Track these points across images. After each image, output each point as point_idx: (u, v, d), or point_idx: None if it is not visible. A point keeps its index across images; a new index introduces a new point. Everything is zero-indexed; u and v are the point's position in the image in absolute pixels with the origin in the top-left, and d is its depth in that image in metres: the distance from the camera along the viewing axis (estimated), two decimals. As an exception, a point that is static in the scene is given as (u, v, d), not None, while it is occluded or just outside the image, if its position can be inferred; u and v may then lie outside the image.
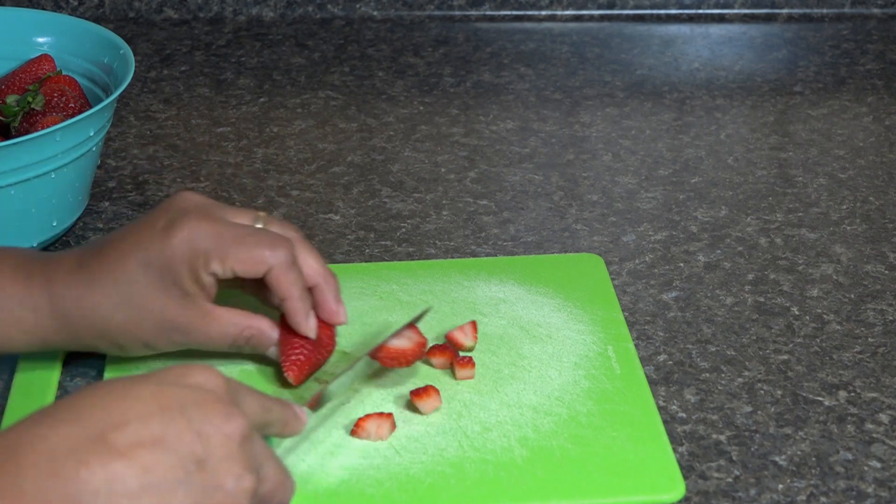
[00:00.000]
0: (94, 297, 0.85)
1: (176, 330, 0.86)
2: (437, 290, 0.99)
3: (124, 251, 0.85)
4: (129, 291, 0.85)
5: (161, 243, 0.85)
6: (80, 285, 0.85)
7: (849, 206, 1.14)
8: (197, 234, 0.85)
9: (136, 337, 0.86)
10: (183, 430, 0.66)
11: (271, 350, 0.89)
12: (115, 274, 0.85)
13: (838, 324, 0.98)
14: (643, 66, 1.39)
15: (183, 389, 0.68)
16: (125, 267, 0.85)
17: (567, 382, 0.90)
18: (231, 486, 0.67)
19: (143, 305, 0.85)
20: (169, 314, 0.86)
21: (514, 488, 0.81)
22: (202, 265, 0.85)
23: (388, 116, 1.28)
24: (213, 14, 1.48)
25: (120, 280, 0.85)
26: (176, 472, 0.65)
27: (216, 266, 0.85)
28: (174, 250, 0.85)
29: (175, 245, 0.85)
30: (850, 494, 0.83)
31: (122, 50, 1.10)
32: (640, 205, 1.14)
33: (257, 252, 0.86)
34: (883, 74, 1.37)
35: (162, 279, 0.85)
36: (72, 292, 0.85)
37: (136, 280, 0.85)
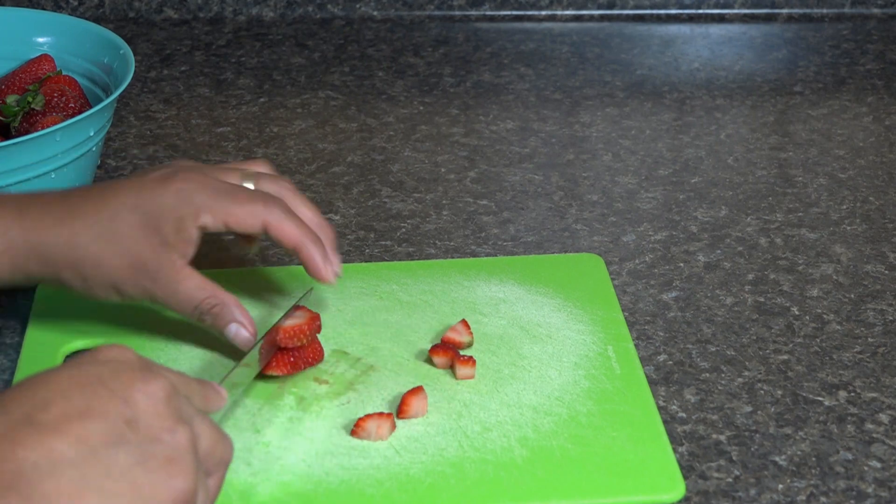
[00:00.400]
0: (74, 225, 0.85)
1: (146, 274, 0.86)
2: (437, 290, 0.99)
3: (113, 189, 0.87)
4: (111, 227, 0.85)
5: (153, 190, 0.86)
6: (61, 211, 0.86)
7: (849, 206, 1.14)
8: (191, 187, 0.87)
9: (106, 273, 0.86)
10: (106, 399, 0.66)
11: (230, 329, 0.89)
12: (98, 207, 0.86)
13: (838, 324, 0.98)
14: (643, 66, 1.39)
15: (98, 365, 0.68)
16: (111, 203, 0.86)
17: (567, 382, 0.90)
18: (169, 440, 0.67)
19: (121, 242, 0.86)
20: (144, 256, 0.86)
21: (514, 488, 0.81)
22: (191, 217, 0.86)
23: (388, 116, 1.28)
24: (213, 14, 1.47)
25: (103, 214, 0.86)
26: (110, 436, 0.65)
27: (207, 218, 0.86)
28: (165, 198, 0.86)
29: (168, 193, 0.86)
30: (850, 494, 0.83)
31: (122, 50, 1.10)
32: (640, 205, 1.14)
33: (250, 206, 0.87)
34: (883, 74, 1.37)
35: (146, 222, 0.86)
36: (51, 217, 0.86)
37: (120, 217, 0.86)
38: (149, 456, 0.66)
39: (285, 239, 0.88)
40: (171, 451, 0.67)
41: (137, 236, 0.86)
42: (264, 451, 0.84)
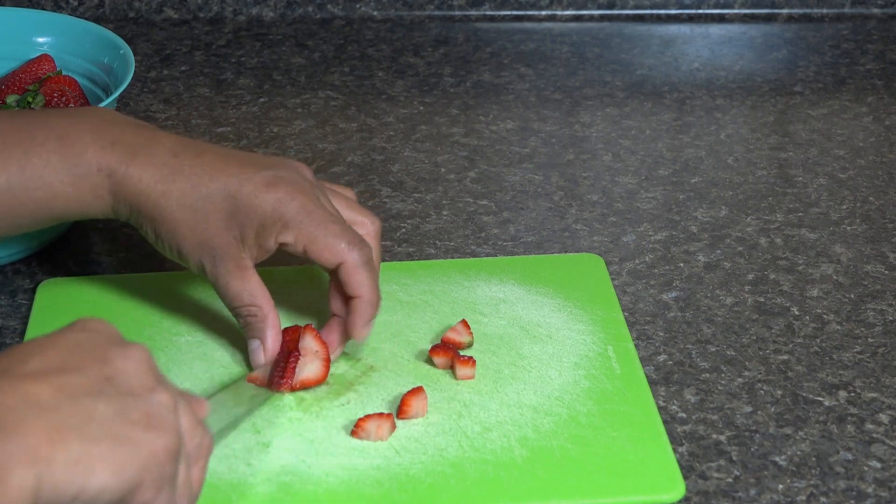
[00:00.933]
0: (171, 188, 0.87)
1: (211, 256, 0.87)
2: (437, 291, 0.99)
3: (219, 170, 0.87)
4: (201, 205, 0.86)
5: (253, 190, 0.87)
6: (167, 168, 0.87)
7: (849, 206, 1.14)
8: (289, 201, 0.87)
9: (177, 238, 0.87)
10: (85, 358, 0.66)
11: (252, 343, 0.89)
12: (200, 180, 0.87)
13: (838, 324, 0.98)
14: (643, 66, 1.39)
15: (77, 333, 0.69)
16: (210, 184, 0.87)
17: (567, 382, 0.90)
18: (149, 397, 0.67)
19: (203, 221, 0.86)
20: (216, 241, 0.87)
21: (514, 488, 0.81)
22: (276, 230, 0.86)
23: (388, 116, 1.28)
24: (213, 14, 1.47)
25: (200, 190, 0.87)
26: (89, 387, 0.65)
27: (288, 237, 0.87)
28: (260, 203, 0.86)
29: (264, 199, 0.86)
30: (850, 494, 0.83)
31: (122, 50, 1.10)
32: (640, 205, 1.14)
33: (335, 240, 0.87)
34: (883, 74, 1.37)
35: (233, 214, 0.86)
36: (156, 172, 0.87)
37: (212, 199, 0.86)
38: (129, 408, 0.65)
39: (352, 286, 0.88)
40: (151, 407, 0.66)
41: (219, 221, 0.86)
42: (264, 451, 0.84)
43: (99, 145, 0.87)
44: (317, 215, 0.87)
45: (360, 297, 0.88)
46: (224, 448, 0.84)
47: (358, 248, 0.87)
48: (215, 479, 0.81)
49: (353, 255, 0.87)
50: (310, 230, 0.86)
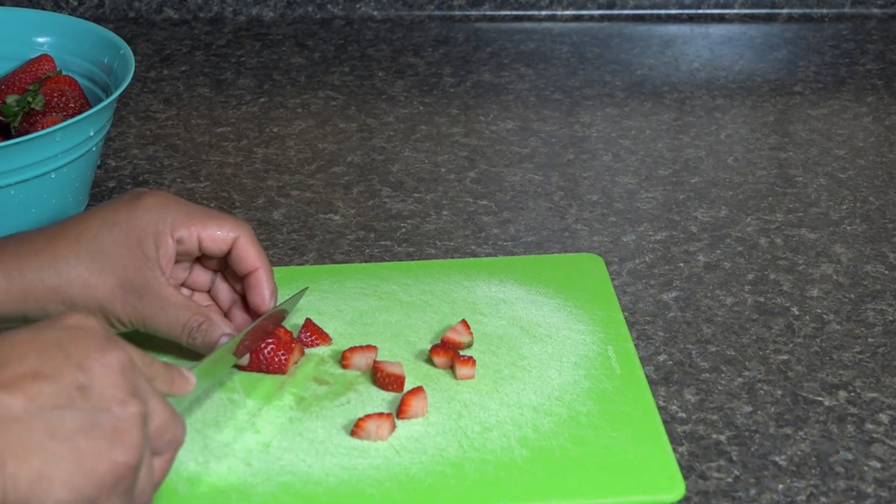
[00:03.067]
0: (56, 250, 0.85)
1: (134, 291, 0.86)
2: (437, 291, 0.99)
3: (89, 214, 0.87)
4: (94, 246, 0.86)
5: (129, 208, 0.87)
6: (39, 241, 0.86)
7: (849, 206, 1.14)
8: (166, 203, 0.88)
9: (93, 294, 0.85)
10: (62, 363, 0.67)
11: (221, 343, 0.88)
12: (78, 230, 0.86)
13: (838, 324, 0.98)
14: (643, 66, 1.39)
15: (59, 330, 0.69)
16: (90, 224, 0.86)
17: (567, 382, 0.90)
18: (118, 411, 0.68)
19: (106, 260, 0.85)
20: (129, 272, 0.86)
21: (514, 488, 0.81)
22: (169, 230, 0.87)
23: (388, 116, 1.28)
24: (213, 14, 1.47)
25: (84, 235, 0.86)
26: (60, 399, 0.66)
27: (183, 232, 0.87)
28: (142, 215, 0.87)
29: (144, 209, 0.87)
30: (850, 494, 0.83)
31: (122, 50, 1.10)
32: (640, 205, 1.14)
33: (222, 221, 0.89)
34: (883, 74, 1.37)
35: (127, 239, 0.86)
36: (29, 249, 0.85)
37: (101, 236, 0.86)
38: (95, 424, 0.67)
39: (249, 259, 0.89)
40: (118, 421, 0.68)
41: (121, 253, 0.86)
42: (264, 451, 0.84)
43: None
44: (194, 208, 0.89)
45: (261, 267, 0.90)
46: (224, 448, 0.84)
47: (243, 224, 0.89)
48: (215, 478, 0.81)
49: (243, 231, 0.89)
50: (195, 219, 0.88)
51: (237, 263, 0.90)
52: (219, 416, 0.87)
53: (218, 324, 0.88)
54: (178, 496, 0.80)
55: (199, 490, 0.80)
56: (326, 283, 1.00)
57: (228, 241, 0.89)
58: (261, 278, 0.90)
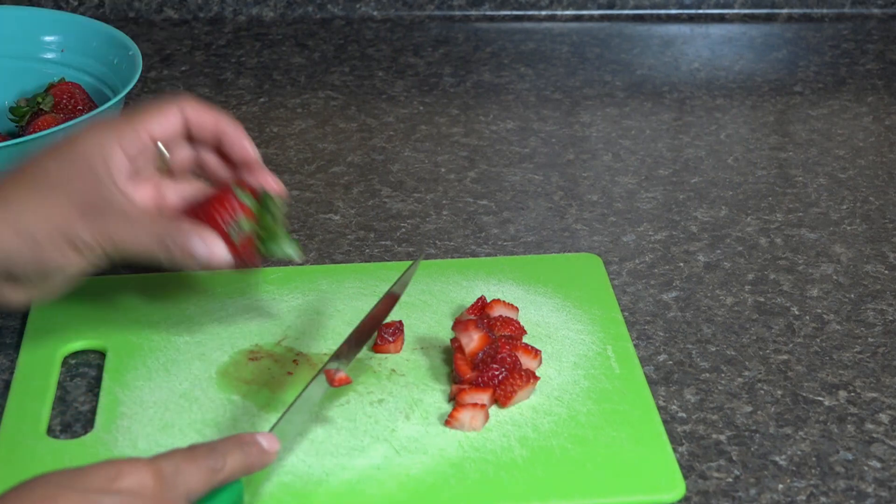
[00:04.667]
0: (7, 190, 0.82)
1: (94, 211, 0.81)
2: (437, 290, 0.99)
3: (36, 155, 0.83)
4: (43, 179, 0.81)
5: (70, 138, 0.84)
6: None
7: (849, 206, 1.14)
8: (104, 123, 0.84)
9: (55, 224, 0.81)
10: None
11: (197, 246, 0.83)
12: (27, 170, 0.83)
13: (838, 324, 0.98)
14: (643, 66, 1.39)
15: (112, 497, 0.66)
16: (38, 161, 0.83)
17: (566, 382, 0.90)
18: None
19: (59, 188, 0.81)
20: (87, 195, 0.81)
21: (514, 488, 0.81)
22: (114, 142, 0.83)
23: (388, 116, 1.28)
24: (213, 14, 1.48)
25: (27, 168, 0.83)
26: None
27: (128, 135, 0.83)
28: (84, 139, 0.83)
29: (84, 134, 0.84)
30: (850, 494, 0.83)
31: (131, 51, 1.10)
32: (640, 205, 1.13)
33: (162, 105, 0.86)
34: (883, 74, 1.37)
35: (73, 165, 0.82)
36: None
37: (49, 169, 0.82)
38: None
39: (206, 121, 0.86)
40: None
41: (72, 179, 0.82)
42: (264, 451, 0.83)
43: None
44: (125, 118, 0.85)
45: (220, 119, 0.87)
46: (224, 448, 0.84)
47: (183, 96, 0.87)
48: (215, 479, 0.81)
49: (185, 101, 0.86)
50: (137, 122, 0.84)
51: (199, 130, 0.86)
52: (218, 417, 0.87)
53: (187, 228, 0.83)
54: (177, 496, 0.80)
55: (198, 490, 0.80)
56: (325, 283, 1.00)
57: (178, 117, 0.86)
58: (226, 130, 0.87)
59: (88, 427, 0.87)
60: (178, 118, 0.86)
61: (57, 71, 1.13)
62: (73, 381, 0.91)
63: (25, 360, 0.91)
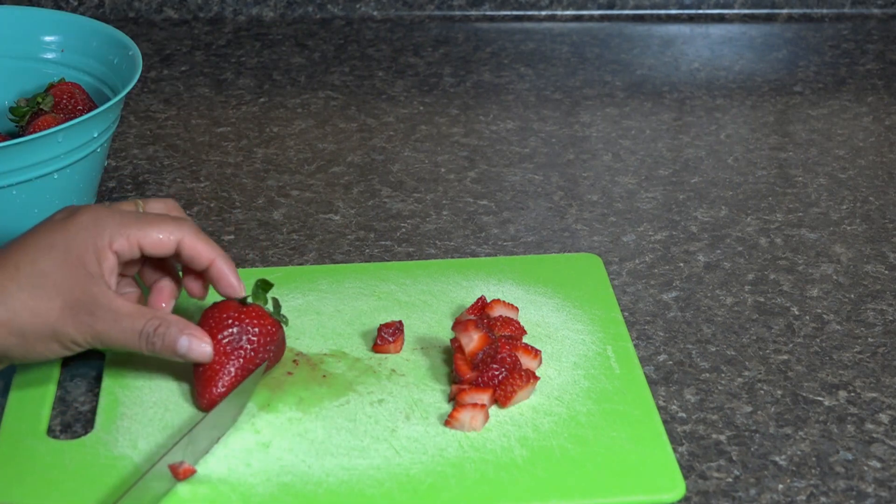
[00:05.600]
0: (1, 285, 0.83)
1: (84, 309, 0.83)
2: (436, 291, 0.99)
3: (24, 240, 0.85)
4: (35, 270, 0.83)
5: (63, 228, 0.85)
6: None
7: (849, 206, 1.14)
8: (99, 216, 0.85)
9: (43, 320, 0.83)
10: None
11: (181, 343, 0.85)
12: (15, 258, 0.84)
13: (838, 324, 0.98)
14: (643, 66, 1.39)
15: None
16: (27, 250, 0.84)
17: (566, 382, 0.90)
18: None
19: (50, 283, 0.83)
20: (76, 291, 0.83)
21: (514, 488, 0.81)
22: (107, 244, 0.85)
23: (388, 116, 1.28)
24: (213, 14, 1.48)
25: (23, 262, 0.84)
26: None
27: (122, 243, 0.85)
28: (78, 233, 0.85)
29: (78, 227, 0.85)
30: (850, 494, 0.83)
31: (131, 51, 1.10)
32: (640, 205, 1.14)
33: (161, 226, 0.87)
34: (883, 74, 1.37)
35: (67, 258, 0.84)
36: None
37: (40, 260, 0.84)
38: None
39: (201, 255, 0.87)
40: None
41: (63, 274, 0.84)
42: (264, 451, 0.84)
43: None
44: (128, 215, 0.86)
45: (216, 257, 0.87)
46: (224, 448, 0.84)
47: (183, 223, 0.87)
48: (215, 479, 0.81)
49: (185, 231, 0.87)
50: (133, 229, 0.86)
51: (192, 262, 0.88)
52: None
53: (174, 324, 0.85)
54: (178, 497, 0.80)
55: (199, 490, 0.80)
56: (325, 284, 1.00)
57: (172, 244, 0.87)
58: (220, 268, 0.88)
59: (88, 427, 0.87)
60: (170, 246, 0.87)
61: (57, 71, 1.13)
62: (73, 381, 0.91)
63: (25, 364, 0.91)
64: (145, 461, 0.82)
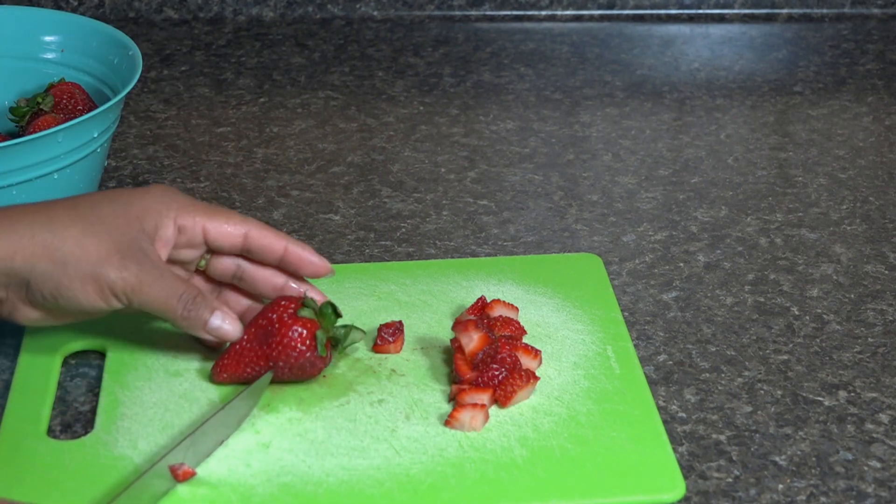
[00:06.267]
0: (52, 211, 0.83)
1: (131, 256, 0.83)
2: (436, 291, 0.99)
3: (91, 193, 0.86)
4: (90, 212, 0.83)
5: (133, 190, 0.86)
6: (35, 205, 0.83)
7: (849, 206, 1.14)
8: (175, 193, 0.86)
9: (87, 253, 0.82)
10: None
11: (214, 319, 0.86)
12: (77, 200, 0.84)
13: (838, 324, 0.98)
14: (643, 66, 1.39)
15: None
16: (90, 196, 0.85)
17: (566, 382, 0.90)
18: None
19: (104, 225, 0.83)
20: (128, 238, 0.83)
21: (514, 488, 0.81)
22: (173, 215, 0.85)
23: (388, 116, 1.28)
24: (213, 14, 1.48)
25: (81, 203, 0.84)
26: None
27: (187, 220, 0.86)
28: (147, 195, 0.85)
29: (151, 193, 0.86)
30: (850, 494, 0.83)
31: (131, 51, 1.10)
32: (640, 205, 1.14)
33: (232, 217, 0.87)
34: (883, 74, 1.37)
35: (127, 211, 0.84)
36: (26, 209, 0.83)
37: (99, 206, 0.84)
38: None
39: (272, 243, 0.88)
40: None
41: (119, 222, 0.83)
42: (264, 451, 0.84)
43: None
44: (199, 201, 0.87)
45: (287, 241, 0.88)
46: (224, 448, 0.84)
47: (252, 219, 0.88)
48: (215, 480, 0.81)
49: (253, 222, 0.88)
50: (202, 211, 0.86)
51: (263, 253, 0.88)
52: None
53: (212, 300, 0.86)
54: (178, 497, 0.80)
55: (199, 491, 0.80)
56: (325, 284, 1.00)
57: (239, 236, 0.87)
58: (295, 251, 0.88)
59: (88, 427, 0.87)
60: (237, 238, 0.88)
61: (57, 71, 1.13)
62: (73, 381, 0.91)
63: (25, 360, 0.91)
64: (145, 461, 0.82)
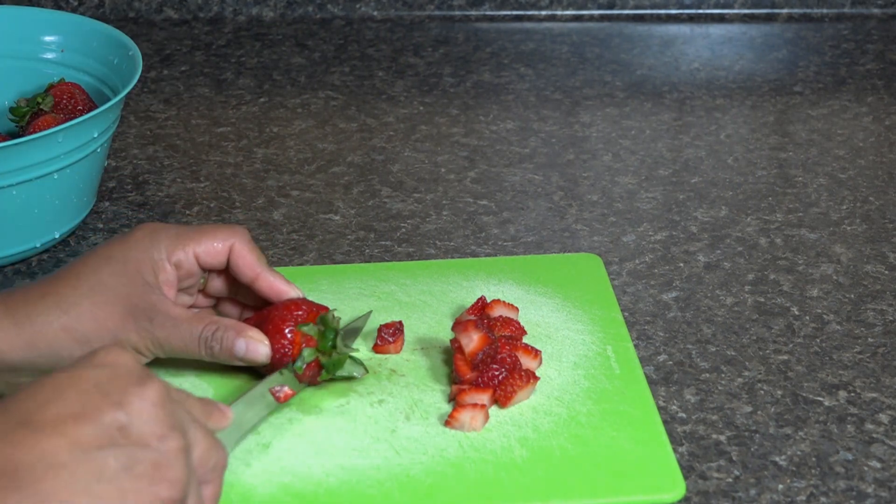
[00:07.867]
0: (60, 289, 0.85)
1: (143, 315, 0.85)
2: (436, 291, 0.99)
3: (85, 256, 0.87)
4: (96, 280, 0.85)
5: (121, 242, 0.87)
6: (43, 286, 0.85)
7: (849, 206, 1.14)
8: (156, 231, 0.88)
9: (104, 325, 0.85)
10: (101, 403, 0.68)
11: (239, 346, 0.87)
12: (77, 270, 0.86)
13: (838, 324, 0.98)
14: (643, 66, 1.39)
15: (96, 369, 0.69)
16: (87, 262, 0.86)
17: (566, 382, 0.90)
18: (158, 446, 0.68)
19: (110, 290, 0.85)
20: (135, 298, 0.85)
21: (514, 488, 0.81)
22: (165, 256, 0.87)
23: (388, 116, 1.28)
24: (213, 14, 1.48)
25: (82, 273, 0.85)
26: (102, 439, 0.67)
27: (179, 254, 0.87)
28: (135, 246, 0.87)
29: (135, 241, 0.87)
30: (850, 494, 0.83)
31: (131, 51, 1.10)
32: (640, 205, 1.14)
33: (217, 234, 0.89)
34: (883, 74, 1.37)
35: (125, 269, 0.86)
36: (36, 291, 0.85)
37: (100, 270, 0.85)
38: (136, 461, 0.67)
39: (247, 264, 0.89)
40: (159, 457, 0.68)
41: (122, 282, 0.85)
42: (264, 452, 0.84)
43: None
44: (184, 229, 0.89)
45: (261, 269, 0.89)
46: (224, 448, 0.84)
47: (237, 230, 0.89)
48: (215, 479, 0.81)
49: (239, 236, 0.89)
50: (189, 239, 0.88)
51: (237, 270, 0.89)
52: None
53: (232, 326, 0.87)
54: (177, 496, 0.80)
55: (198, 490, 0.80)
56: (325, 284, 1.00)
57: (226, 251, 0.89)
58: (268, 280, 0.89)
59: (88, 427, 0.87)
60: (224, 255, 0.89)
61: (57, 71, 1.13)
62: (73, 382, 0.91)
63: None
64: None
